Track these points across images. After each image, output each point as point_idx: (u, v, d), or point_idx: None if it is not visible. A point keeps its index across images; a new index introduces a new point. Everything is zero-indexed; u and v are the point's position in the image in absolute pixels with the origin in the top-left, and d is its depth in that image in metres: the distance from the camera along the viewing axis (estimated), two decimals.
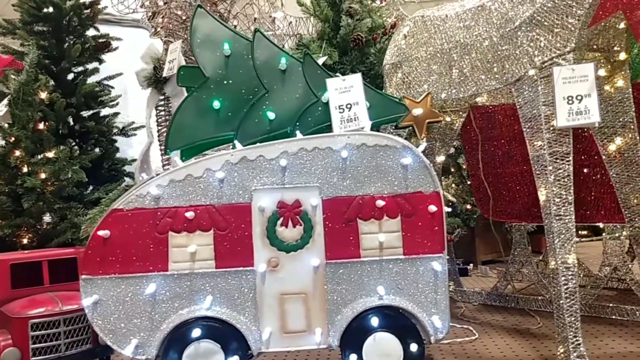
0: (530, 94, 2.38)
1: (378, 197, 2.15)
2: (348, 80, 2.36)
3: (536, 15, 2.36)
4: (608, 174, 2.66)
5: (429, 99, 2.43)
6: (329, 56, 3.51)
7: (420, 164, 2.17)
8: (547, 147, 2.29)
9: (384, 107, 2.39)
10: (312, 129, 2.35)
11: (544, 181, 2.30)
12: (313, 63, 2.43)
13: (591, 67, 2.23)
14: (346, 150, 2.16)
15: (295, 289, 2.13)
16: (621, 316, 2.96)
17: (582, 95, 2.23)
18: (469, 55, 2.71)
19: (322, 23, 3.77)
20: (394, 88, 3.13)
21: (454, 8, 2.88)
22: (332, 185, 2.15)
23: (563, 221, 2.23)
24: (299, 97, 2.39)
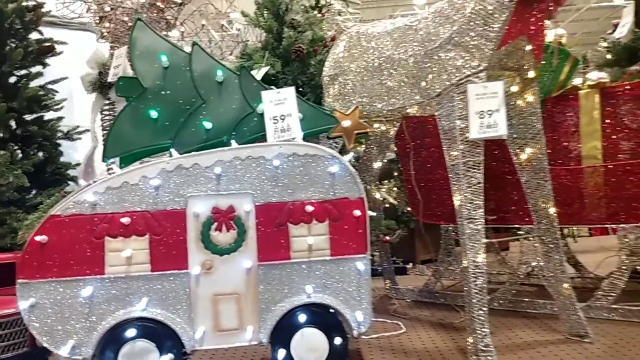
0: (448, 108, 2.61)
1: (307, 202, 2.31)
2: (282, 93, 2.52)
3: (454, 37, 2.59)
4: None
5: (358, 111, 2.61)
6: (272, 66, 3.65)
7: (347, 172, 2.34)
8: (461, 157, 2.52)
9: (315, 119, 2.56)
10: (247, 139, 2.49)
11: (458, 188, 2.53)
12: (249, 76, 2.58)
13: (500, 84, 2.48)
14: (278, 159, 2.31)
15: (229, 290, 2.26)
16: (535, 310, 3.26)
17: (492, 110, 2.48)
18: (397, 71, 2.91)
19: (266, 33, 3.90)
20: (332, 98, 3.30)
21: (386, 26, 3.08)
22: (265, 192, 2.30)
23: (474, 224, 2.46)
24: (235, 108, 2.52)
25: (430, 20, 2.75)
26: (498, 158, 3.35)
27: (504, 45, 2.49)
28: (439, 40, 2.66)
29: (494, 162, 3.38)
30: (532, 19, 2.47)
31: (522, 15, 2.46)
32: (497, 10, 2.45)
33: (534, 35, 2.49)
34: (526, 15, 2.47)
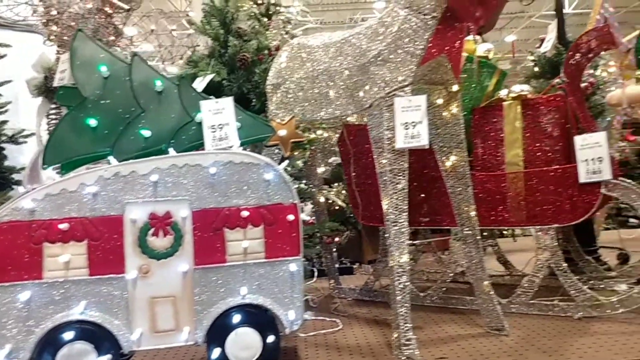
0: (378, 119, 2.79)
1: (243, 208, 2.44)
2: (221, 103, 2.64)
3: (383, 53, 2.77)
4: None
5: (293, 121, 2.77)
6: (217, 73, 3.76)
7: (281, 179, 2.49)
8: (389, 164, 2.71)
9: (252, 128, 2.69)
10: (186, 147, 2.59)
11: (386, 193, 2.72)
12: (188, 86, 2.69)
13: (423, 98, 2.68)
14: (214, 166, 2.43)
15: (165, 293, 2.37)
16: (463, 306, 3.50)
17: (416, 122, 2.67)
18: (334, 82, 3.08)
19: (212, 41, 4.00)
20: (275, 106, 3.44)
21: (324, 39, 3.25)
22: (201, 198, 2.41)
23: (398, 227, 2.65)
24: (174, 117, 2.62)
25: (363, 35, 2.94)
26: (431, 164, 3.57)
27: (426, 62, 2.69)
28: (370, 55, 2.84)
29: (427, 168, 3.61)
30: (452, 38, 2.68)
31: (443, 34, 2.67)
32: (421, 29, 2.65)
33: (452, 53, 2.70)
34: (446, 34, 2.67)
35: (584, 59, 3.30)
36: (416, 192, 3.71)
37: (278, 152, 3.08)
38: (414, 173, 3.61)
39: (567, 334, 2.82)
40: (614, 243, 4.66)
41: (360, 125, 3.89)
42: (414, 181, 3.63)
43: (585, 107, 3.39)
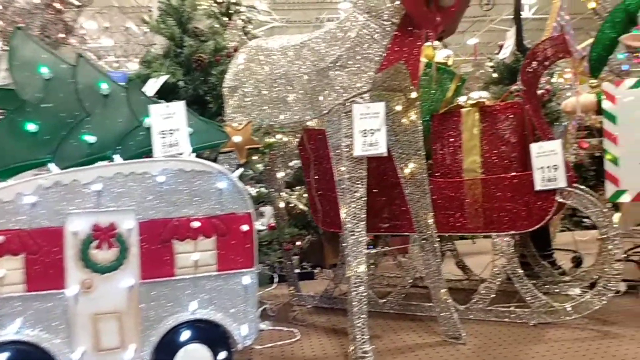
0: (336, 126, 2.74)
1: (194, 218, 2.33)
2: (171, 107, 2.51)
3: (342, 58, 2.72)
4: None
5: (249, 127, 2.68)
6: (172, 74, 3.62)
7: (234, 188, 2.39)
8: (347, 172, 2.66)
9: (205, 134, 2.58)
10: (134, 153, 2.46)
11: (344, 201, 2.67)
12: (137, 89, 2.56)
13: (382, 105, 2.64)
14: (163, 175, 2.31)
15: (109, 309, 2.24)
16: (421, 313, 3.49)
17: (374, 130, 2.63)
18: (293, 87, 3.00)
19: (168, 41, 3.86)
20: (232, 110, 3.34)
21: (283, 42, 3.16)
22: (149, 209, 2.29)
23: (356, 237, 2.60)
24: (122, 121, 2.48)
25: (322, 40, 2.87)
26: (391, 169, 3.54)
27: (385, 69, 2.64)
28: (329, 60, 2.78)
29: (387, 174, 3.57)
30: (410, 45, 2.65)
31: (401, 40, 2.63)
32: (379, 35, 2.61)
33: (410, 60, 2.67)
34: (405, 41, 2.64)
35: (540, 67, 3.34)
36: (376, 197, 3.67)
37: (235, 159, 2.98)
38: (374, 178, 3.57)
39: (522, 342, 2.83)
40: (569, 245, 4.77)
41: (320, 130, 3.82)
42: (373, 187, 3.60)
43: (541, 114, 3.43)
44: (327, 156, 3.89)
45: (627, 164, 3.26)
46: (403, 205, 3.53)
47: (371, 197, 3.69)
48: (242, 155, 2.67)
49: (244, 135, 2.65)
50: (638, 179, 3.23)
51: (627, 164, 3.27)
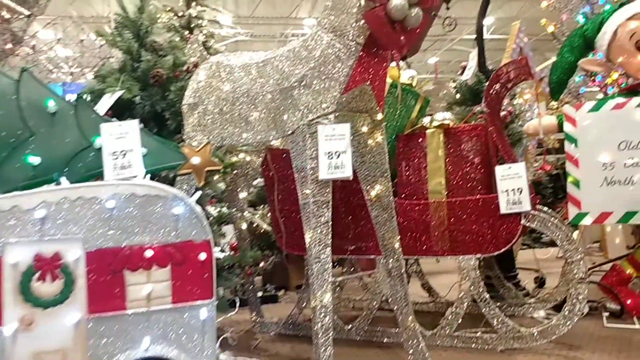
0: (300, 147, 2.64)
1: (147, 247, 2.17)
2: (124, 126, 2.35)
3: (306, 78, 2.63)
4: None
5: (209, 148, 2.54)
6: (128, 90, 3.45)
7: (192, 214, 2.24)
8: (312, 196, 2.56)
9: (161, 155, 2.43)
10: (82, 176, 2.29)
11: (309, 226, 2.56)
12: (87, 107, 2.39)
13: (347, 127, 2.56)
14: (114, 199, 2.14)
15: (53, 347, 2.03)
16: (388, 339, 3.40)
17: (340, 152, 2.55)
18: (255, 105, 2.89)
19: (124, 54, 3.68)
20: (190, 128, 3.20)
21: (245, 59, 3.06)
22: (97, 237, 2.11)
23: (321, 264, 2.50)
24: (70, 142, 2.31)
25: (286, 58, 2.78)
26: (357, 190, 3.47)
27: (350, 89, 2.57)
28: (293, 80, 2.69)
29: (353, 194, 3.49)
30: (376, 66, 2.60)
31: (367, 61, 2.58)
32: (344, 55, 2.55)
33: (375, 81, 2.61)
34: (370, 61, 2.58)
35: (503, 89, 3.36)
36: (341, 218, 3.59)
37: (193, 181, 2.84)
38: (340, 199, 3.49)
39: None
40: (530, 263, 4.82)
41: (284, 149, 3.72)
42: (339, 207, 3.51)
43: (504, 136, 3.45)
44: (291, 176, 3.79)
45: (588, 187, 3.30)
46: (369, 227, 3.45)
47: (337, 218, 3.61)
48: (201, 177, 2.53)
49: (202, 157, 2.51)
50: (599, 202, 3.27)
51: (588, 187, 3.30)
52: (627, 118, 3.25)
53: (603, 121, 3.32)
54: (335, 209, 3.60)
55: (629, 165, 3.24)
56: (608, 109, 3.30)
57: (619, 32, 3.28)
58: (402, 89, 3.56)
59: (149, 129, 3.65)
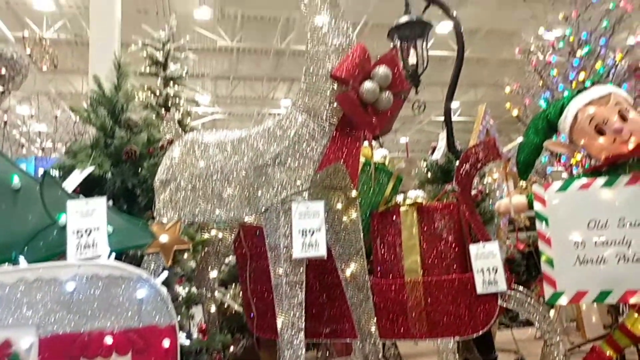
0: (274, 224, 2.60)
1: (107, 332, 2.03)
2: (91, 203, 2.28)
3: (281, 156, 2.65)
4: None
5: (178, 226, 2.47)
6: (99, 166, 3.40)
7: (157, 296, 2.13)
8: (285, 275, 2.48)
9: (128, 233, 2.35)
10: (43, 256, 2.18)
11: (281, 308, 2.46)
12: (53, 184, 2.32)
13: (321, 205, 2.55)
14: (74, 281, 2.03)
15: None
16: None
17: (314, 230, 2.52)
18: (228, 182, 2.87)
19: (98, 131, 3.67)
20: (162, 205, 3.13)
21: (220, 136, 3.08)
22: (54, 322, 1.97)
23: (294, 350, 2.38)
24: (32, 219, 2.22)
25: (261, 136, 2.81)
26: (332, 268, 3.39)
27: (324, 167, 2.59)
28: (267, 157, 2.70)
29: (327, 272, 3.40)
30: (349, 145, 2.64)
31: (340, 141, 2.62)
32: (318, 134, 2.59)
33: (349, 160, 2.64)
34: (344, 141, 2.63)
35: (472, 169, 3.43)
36: (316, 298, 3.47)
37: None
38: (314, 277, 3.40)
39: None
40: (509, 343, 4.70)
41: (258, 226, 3.66)
42: (313, 287, 3.41)
43: (476, 215, 3.47)
44: (264, 254, 3.68)
45: (562, 266, 3.29)
46: (345, 308, 3.34)
47: (311, 298, 3.50)
48: (169, 257, 2.43)
49: (171, 235, 2.43)
50: (573, 281, 3.25)
51: (562, 266, 3.30)
52: (594, 197, 3.33)
53: (571, 200, 3.39)
54: (309, 289, 3.52)
55: (599, 244, 3.27)
56: (575, 188, 3.38)
57: (579, 117, 3.43)
58: (375, 167, 3.62)
59: (120, 206, 3.57)
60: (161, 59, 5.17)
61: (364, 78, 2.54)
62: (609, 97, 3.29)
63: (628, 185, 3.14)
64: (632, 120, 3.17)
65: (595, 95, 3.39)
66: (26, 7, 13.43)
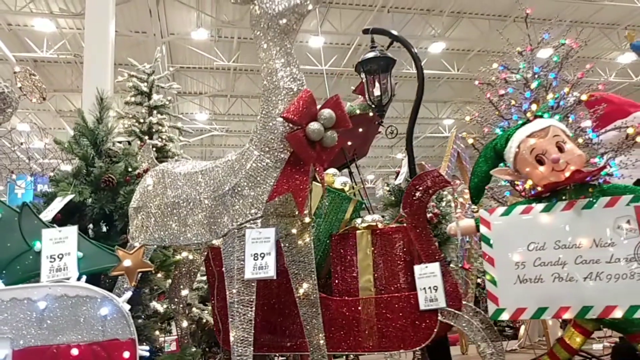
0: (230, 248, 2.90)
1: (74, 345, 2.32)
2: (64, 232, 2.58)
3: (236, 187, 2.96)
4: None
5: (141, 251, 2.77)
6: (79, 193, 3.70)
7: (119, 313, 2.42)
8: (237, 295, 2.78)
9: (95, 258, 2.65)
10: (19, 278, 2.48)
11: (233, 325, 2.75)
12: (30, 214, 2.63)
13: (272, 231, 2.85)
14: (45, 300, 2.32)
15: None
16: None
17: (265, 253, 2.81)
18: (193, 210, 3.18)
19: (79, 161, 3.98)
20: (134, 229, 3.44)
21: (188, 168, 3.39)
22: (27, 336, 2.26)
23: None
24: (10, 246, 2.53)
25: (221, 168, 3.12)
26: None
27: (275, 197, 2.90)
28: (226, 187, 3.01)
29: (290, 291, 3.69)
30: (298, 178, 2.95)
31: (290, 173, 2.93)
32: (270, 168, 2.91)
33: (297, 190, 2.95)
34: (293, 174, 2.94)
35: (425, 196, 3.73)
36: (279, 314, 3.75)
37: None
38: (277, 295, 3.69)
39: None
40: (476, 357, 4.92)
41: None
42: (276, 303, 3.70)
43: (423, 238, 3.72)
44: None
45: (504, 285, 3.57)
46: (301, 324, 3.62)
47: (274, 315, 3.78)
48: (132, 279, 2.72)
49: (134, 259, 2.72)
50: (514, 298, 3.52)
51: (503, 285, 3.57)
52: (533, 222, 3.61)
53: (513, 224, 3.67)
54: (271, 307, 3.81)
55: (537, 265, 3.55)
56: (517, 213, 3.68)
57: (522, 148, 3.72)
58: (336, 194, 3.93)
59: (98, 229, 3.88)
60: (146, 89, 5.53)
61: (311, 119, 2.86)
62: (548, 129, 3.58)
63: (564, 210, 3.42)
64: (569, 151, 3.47)
65: (536, 128, 3.68)
66: (27, 29, 14.02)
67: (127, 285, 3.18)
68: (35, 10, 12.96)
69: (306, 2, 2.96)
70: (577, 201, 3.26)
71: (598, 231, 3.20)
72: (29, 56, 15.03)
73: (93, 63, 8.27)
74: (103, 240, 3.50)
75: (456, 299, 3.38)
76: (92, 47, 8.57)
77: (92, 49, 8.55)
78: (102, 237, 3.72)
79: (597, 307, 3.11)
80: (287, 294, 3.73)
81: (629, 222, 3.12)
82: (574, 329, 3.56)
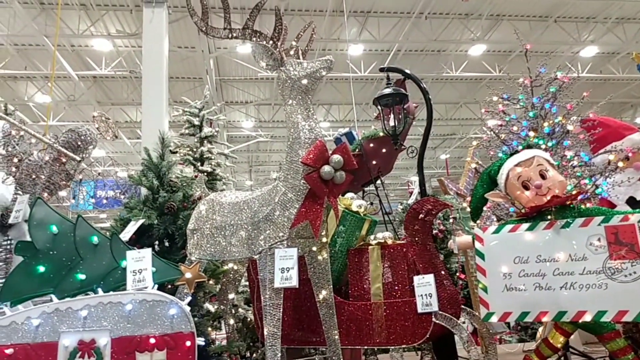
0: (263, 263, 3.75)
1: (151, 336, 3.23)
2: (142, 252, 3.52)
3: (268, 215, 3.81)
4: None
5: (198, 266, 3.67)
6: (148, 217, 4.68)
7: (182, 313, 3.31)
8: (269, 300, 3.63)
9: (164, 272, 3.56)
10: (112, 287, 3.42)
11: (266, 323, 3.60)
12: (118, 240, 3.58)
13: (294, 250, 3.68)
14: (131, 304, 3.25)
15: None
16: None
17: (290, 268, 3.65)
18: (236, 233, 4.06)
19: (147, 190, 4.98)
20: (191, 246, 4.35)
21: (232, 198, 4.28)
22: (119, 328, 3.20)
23: (273, 351, 3.50)
24: (105, 263, 3.48)
25: (257, 200, 3.99)
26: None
27: (297, 224, 3.73)
28: (261, 216, 3.87)
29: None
30: (314, 208, 3.77)
31: (309, 204, 3.75)
32: (293, 200, 3.74)
33: (314, 219, 3.76)
34: (311, 206, 3.76)
35: (428, 216, 4.46)
36: (308, 314, 4.57)
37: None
38: (306, 299, 4.51)
39: None
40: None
41: None
42: (305, 305, 4.53)
43: (421, 253, 4.42)
44: None
45: (494, 292, 4.23)
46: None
47: (304, 315, 4.61)
48: (191, 287, 3.62)
49: (193, 272, 3.62)
50: (502, 304, 4.17)
51: (493, 292, 4.23)
52: (519, 239, 4.24)
53: (502, 241, 4.31)
54: (300, 308, 4.65)
55: (522, 276, 4.18)
56: (506, 231, 4.32)
57: (510, 175, 4.35)
58: (353, 216, 4.72)
59: (162, 246, 4.85)
60: (197, 123, 6.53)
61: (324, 163, 3.68)
62: (533, 159, 4.20)
63: (545, 229, 4.04)
64: (550, 178, 4.09)
65: (522, 158, 4.32)
66: (88, 49, 15.61)
67: (187, 291, 4.09)
68: (95, 33, 14.44)
69: (321, 70, 3.79)
70: (557, 221, 3.80)
71: (573, 247, 3.74)
72: (90, 74, 16.58)
73: (150, 77, 9.39)
74: (166, 255, 4.48)
75: (455, 306, 4.08)
76: (149, 63, 9.71)
77: (148, 65, 9.70)
78: (166, 252, 4.67)
79: (571, 312, 3.66)
80: (312, 299, 4.57)
81: (600, 239, 3.66)
82: (555, 330, 4.16)
